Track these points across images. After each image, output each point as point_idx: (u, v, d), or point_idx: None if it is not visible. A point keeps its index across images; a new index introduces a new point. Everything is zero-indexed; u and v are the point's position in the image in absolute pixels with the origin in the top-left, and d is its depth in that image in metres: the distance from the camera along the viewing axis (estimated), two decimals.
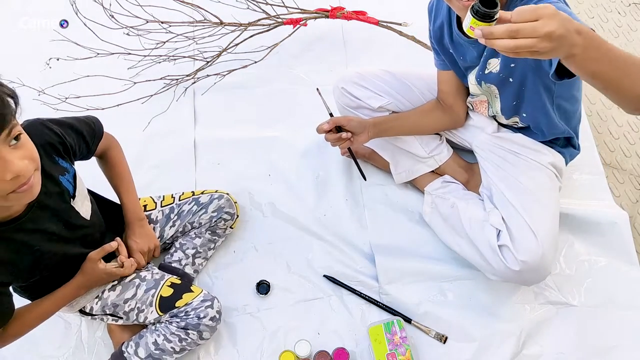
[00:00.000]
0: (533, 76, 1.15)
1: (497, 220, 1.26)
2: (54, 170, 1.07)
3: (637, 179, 1.64)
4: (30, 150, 0.89)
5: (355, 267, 1.48)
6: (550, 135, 1.31)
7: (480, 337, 1.36)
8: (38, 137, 1.04)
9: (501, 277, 1.26)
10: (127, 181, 1.33)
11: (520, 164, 1.31)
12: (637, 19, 1.83)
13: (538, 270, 1.22)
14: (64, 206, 1.09)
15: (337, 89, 1.49)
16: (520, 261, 1.20)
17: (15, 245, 1.00)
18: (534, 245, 1.19)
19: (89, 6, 1.70)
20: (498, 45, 0.74)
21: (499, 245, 1.23)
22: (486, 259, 1.27)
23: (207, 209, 1.42)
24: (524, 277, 1.23)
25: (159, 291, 1.29)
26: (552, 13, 0.71)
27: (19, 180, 0.86)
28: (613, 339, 1.36)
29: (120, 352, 1.29)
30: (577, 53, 0.75)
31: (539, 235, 1.20)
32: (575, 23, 0.74)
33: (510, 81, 1.19)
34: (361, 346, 1.38)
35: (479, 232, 1.29)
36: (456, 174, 1.52)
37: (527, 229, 1.21)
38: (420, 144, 1.49)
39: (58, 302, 1.17)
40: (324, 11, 1.84)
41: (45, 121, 1.09)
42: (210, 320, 1.27)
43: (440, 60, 1.35)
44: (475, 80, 1.27)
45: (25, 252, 1.03)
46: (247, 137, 1.73)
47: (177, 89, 1.80)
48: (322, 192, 1.61)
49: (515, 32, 0.72)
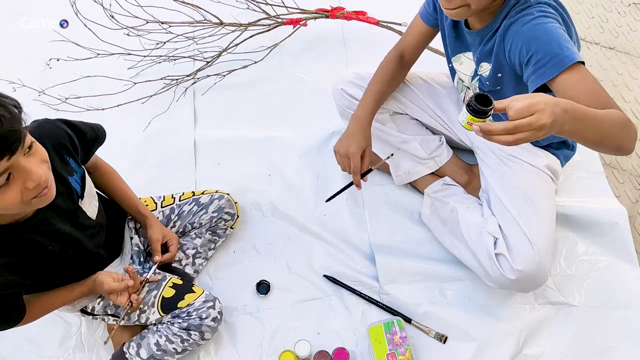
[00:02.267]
0: (515, 87, 1.15)
1: (494, 228, 1.26)
2: (63, 170, 1.08)
3: (637, 179, 1.64)
4: (42, 154, 0.91)
5: (355, 267, 1.48)
6: (544, 140, 1.31)
7: (480, 337, 1.36)
8: (50, 137, 1.06)
9: (497, 285, 1.27)
10: (125, 183, 1.35)
11: (516, 167, 1.31)
12: (637, 19, 1.84)
13: (534, 278, 1.22)
14: (72, 207, 1.10)
15: (336, 90, 1.49)
16: (517, 270, 1.20)
17: (27, 245, 1.01)
18: (530, 254, 1.19)
19: (89, 6, 1.70)
20: (497, 140, 0.82)
21: (496, 254, 1.23)
22: (483, 266, 1.27)
23: (208, 209, 1.42)
24: (520, 285, 1.23)
25: (160, 292, 1.29)
26: (543, 107, 0.80)
27: (40, 186, 0.89)
28: (613, 339, 1.35)
29: (122, 352, 1.29)
30: (566, 129, 0.84)
31: (535, 244, 1.20)
32: (562, 104, 0.83)
33: (498, 89, 1.19)
34: (361, 346, 1.38)
35: (477, 239, 1.29)
36: (456, 176, 1.51)
37: (523, 238, 1.21)
38: (420, 145, 1.49)
39: (64, 300, 1.18)
40: (324, 11, 1.84)
41: (56, 121, 1.11)
42: (212, 321, 1.28)
43: (429, 14, 1.30)
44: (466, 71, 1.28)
45: (37, 252, 1.03)
46: (247, 137, 1.73)
47: (177, 89, 1.80)
48: (322, 192, 1.61)
49: (513, 129, 0.80)
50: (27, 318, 1.12)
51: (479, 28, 1.15)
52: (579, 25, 1.92)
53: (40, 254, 1.04)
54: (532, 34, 1.02)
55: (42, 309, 1.16)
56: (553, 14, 1.03)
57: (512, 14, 1.06)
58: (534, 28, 1.02)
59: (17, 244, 1.00)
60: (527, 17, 1.03)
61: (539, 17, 1.02)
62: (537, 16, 1.02)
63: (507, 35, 1.07)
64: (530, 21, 1.02)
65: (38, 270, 1.07)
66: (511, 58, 1.08)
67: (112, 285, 1.18)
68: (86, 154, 1.20)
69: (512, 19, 1.06)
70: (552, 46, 0.99)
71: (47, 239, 1.04)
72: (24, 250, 1.01)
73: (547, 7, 1.04)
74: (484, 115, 0.82)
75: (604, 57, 1.87)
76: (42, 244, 1.03)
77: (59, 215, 1.06)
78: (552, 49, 0.98)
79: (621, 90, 1.79)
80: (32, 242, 1.02)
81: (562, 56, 0.97)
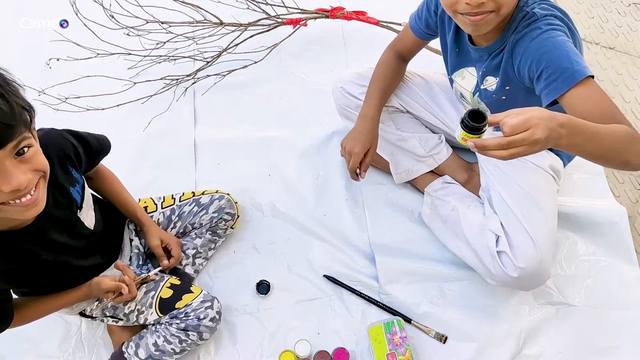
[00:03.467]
0: (525, 96, 1.15)
1: (496, 226, 1.26)
2: (65, 181, 1.07)
3: (637, 179, 1.64)
4: (38, 162, 0.87)
5: (355, 267, 1.48)
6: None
7: (480, 337, 1.36)
8: (56, 147, 1.05)
9: (499, 283, 1.26)
10: (124, 188, 1.34)
11: (519, 166, 1.31)
12: (637, 19, 1.84)
13: (536, 276, 1.22)
14: (71, 217, 1.09)
15: (336, 89, 1.49)
16: (519, 268, 1.20)
17: (22, 253, 1.00)
18: (533, 252, 1.20)
19: (89, 6, 1.70)
20: (492, 155, 0.83)
21: (498, 252, 1.23)
22: (484, 264, 1.27)
23: (208, 209, 1.42)
24: (522, 282, 1.23)
25: (158, 293, 1.29)
26: (537, 122, 0.80)
27: (19, 192, 0.84)
28: (613, 339, 1.35)
29: (120, 352, 1.29)
30: (562, 143, 0.84)
31: (537, 242, 1.20)
32: (558, 118, 0.82)
33: (503, 99, 1.19)
34: (361, 346, 1.38)
35: (478, 237, 1.29)
36: (456, 174, 1.51)
37: (525, 236, 1.21)
38: (419, 143, 1.49)
39: (60, 305, 1.18)
40: (324, 11, 1.84)
41: (62, 131, 1.10)
42: (210, 321, 1.28)
43: (420, 29, 1.30)
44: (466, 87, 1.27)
45: (31, 260, 1.03)
46: (247, 137, 1.73)
47: (177, 89, 1.80)
48: (322, 192, 1.61)
49: (507, 144, 0.81)
50: (21, 320, 1.12)
51: (485, 45, 1.14)
52: (579, 25, 1.92)
53: (34, 263, 1.03)
54: (542, 49, 1.01)
55: (36, 313, 1.16)
56: (560, 26, 1.03)
57: (520, 29, 1.05)
58: (543, 43, 1.01)
59: (11, 252, 0.98)
60: (535, 31, 1.02)
61: (547, 31, 1.01)
62: (545, 30, 1.02)
63: (516, 51, 1.07)
64: (539, 36, 1.02)
65: (31, 279, 1.06)
66: (521, 73, 1.08)
67: (109, 284, 1.16)
68: (90, 165, 1.19)
69: (520, 34, 1.05)
70: (561, 61, 0.98)
71: (42, 248, 1.03)
72: (18, 259, 1.00)
73: (554, 19, 1.03)
74: (478, 132, 0.83)
75: (604, 57, 1.87)
76: (37, 253, 1.02)
77: (56, 225, 1.05)
78: (562, 63, 0.98)
79: (621, 90, 1.79)
80: (26, 251, 1.01)
81: (572, 71, 0.97)
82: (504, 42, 1.09)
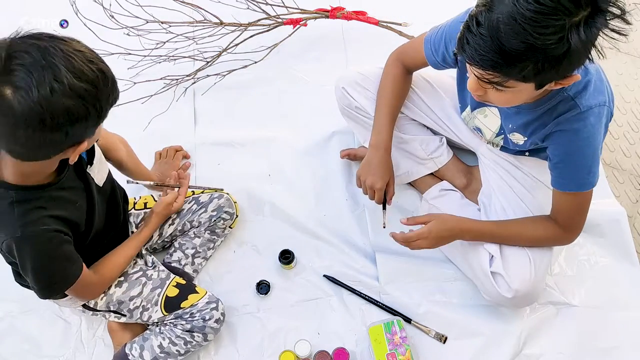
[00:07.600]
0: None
1: (492, 247, 1.25)
2: None
3: (637, 179, 1.64)
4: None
5: (356, 267, 1.48)
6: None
7: (480, 337, 1.36)
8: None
9: (493, 301, 1.28)
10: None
11: (525, 181, 1.29)
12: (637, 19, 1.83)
13: (530, 296, 1.24)
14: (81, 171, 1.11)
15: (338, 89, 1.47)
16: (514, 289, 1.20)
17: (62, 202, 1.03)
18: (528, 273, 1.20)
19: (89, 6, 1.69)
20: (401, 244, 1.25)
21: (492, 272, 1.24)
22: (480, 280, 1.28)
23: (207, 208, 1.42)
24: (515, 302, 1.24)
25: (164, 291, 1.29)
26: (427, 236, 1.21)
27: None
28: (613, 339, 1.36)
29: (124, 354, 1.29)
30: (467, 239, 1.23)
31: (534, 262, 1.21)
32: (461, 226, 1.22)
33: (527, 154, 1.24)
34: (361, 346, 1.38)
35: (473, 254, 1.29)
36: (455, 178, 1.51)
37: (524, 256, 1.21)
38: (420, 145, 1.48)
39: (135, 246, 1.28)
40: (324, 11, 1.84)
41: None
42: (215, 323, 1.28)
43: (437, 62, 1.23)
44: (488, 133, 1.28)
45: (71, 207, 1.05)
46: (247, 137, 1.72)
47: (177, 89, 1.80)
48: (322, 192, 1.61)
49: (404, 241, 1.24)
50: (115, 268, 1.23)
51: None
52: None
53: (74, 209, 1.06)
54: (571, 148, 1.05)
55: (112, 268, 1.23)
56: (606, 121, 1.04)
57: (562, 121, 1.03)
58: (577, 144, 1.04)
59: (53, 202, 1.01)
60: (580, 127, 1.02)
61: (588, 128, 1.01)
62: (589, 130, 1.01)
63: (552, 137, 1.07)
64: (578, 132, 1.02)
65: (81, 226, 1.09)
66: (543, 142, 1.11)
67: (168, 198, 1.33)
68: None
69: (562, 125, 1.03)
70: (582, 172, 1.07)
71: (74, 195, 1.07)
72: (61, 206, 1.03)
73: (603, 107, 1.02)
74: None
75: (604, 57, 1.86)
76: (72, 200, 1.06)
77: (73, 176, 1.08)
78: (580, 173, 1.07)
79: (621, 90, 1.79)
80: (64, 199, 1.04)
81: (585, 181, 1.07)
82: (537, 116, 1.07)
